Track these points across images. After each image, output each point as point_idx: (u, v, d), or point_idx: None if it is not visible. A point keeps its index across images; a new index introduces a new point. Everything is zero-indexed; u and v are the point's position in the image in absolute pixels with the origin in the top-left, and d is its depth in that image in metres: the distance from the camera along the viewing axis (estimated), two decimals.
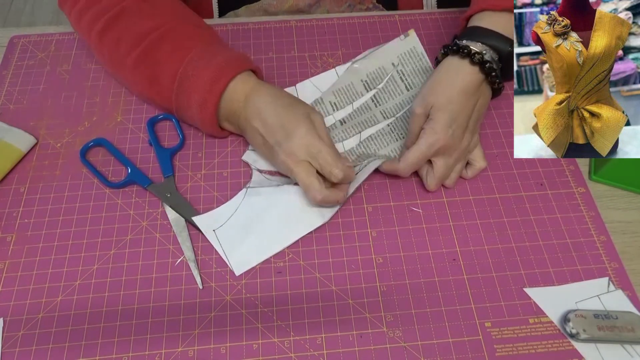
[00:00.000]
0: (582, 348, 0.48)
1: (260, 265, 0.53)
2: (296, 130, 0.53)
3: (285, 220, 0.55)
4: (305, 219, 0.55)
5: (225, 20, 0.75)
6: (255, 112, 0.56)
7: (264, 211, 0.55)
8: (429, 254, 0.53)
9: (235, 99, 0.57)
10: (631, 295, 0.50)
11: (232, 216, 0.55)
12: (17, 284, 0.52)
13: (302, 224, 0.54)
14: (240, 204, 0.56)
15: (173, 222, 0.55)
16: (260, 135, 0.56)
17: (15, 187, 0.58)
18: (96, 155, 0.61)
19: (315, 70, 0.68)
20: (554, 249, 0.54)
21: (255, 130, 0.56)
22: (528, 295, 0.51)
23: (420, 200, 0.57)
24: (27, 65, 0.69)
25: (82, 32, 0.64)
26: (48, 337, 0.49)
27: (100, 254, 0.54)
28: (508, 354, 0.48)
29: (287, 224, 0.54)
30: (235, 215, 0.55)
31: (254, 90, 0.57)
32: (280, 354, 0.48)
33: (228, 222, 0.55)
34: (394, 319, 0.50)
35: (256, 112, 0.56)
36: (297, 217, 0.55)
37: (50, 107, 0.65)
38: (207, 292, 0.51)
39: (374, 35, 0.72)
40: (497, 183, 0.58)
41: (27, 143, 0.61)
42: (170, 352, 0.48)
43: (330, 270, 0.52)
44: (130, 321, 0.50)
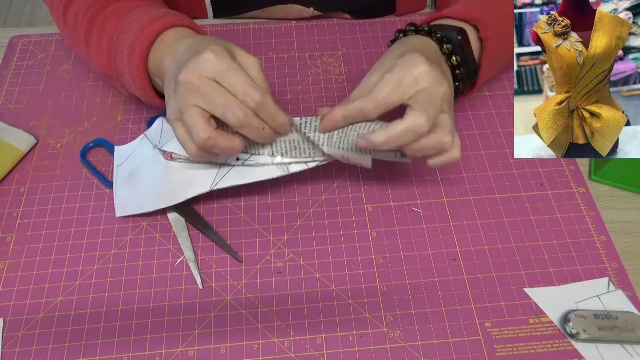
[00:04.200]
0: (582, 348, 0.48)
1: (260, 265, 0.53)
2: (209, 47, 0.44)
3: (153, 183, 0.53)
4: (166, 192, 0.52)
5: (225, 20, 0.75)
6: (182, 44, 0.48)
7: (141, 166, 0.54)
8: (429, 254, 0.53)
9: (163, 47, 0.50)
10: (631, 295, 0.50)
11: (128, 159, 0.55)
12: (17, 284, 0.52)
13: (187, 186, 0.52)
14: (135, 148, 0.56)
15: (173, 222, 0.55)
16: (171, 68, 0.47)
17: (15, 187, 0.58)
18: (96, 155, 0.61)
19: (315, 70, 0.68)
20: (554, 249, 0.54)
21: (171, 63, 0.48)
22: (528, 295, 0.51)
23: (420, 200, 0.57)
24: (27, 65, 0.69)
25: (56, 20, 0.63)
26: (48, 337, 0.49)
27: (100, 254, 0.54)
28: (508, 354, 0.48)
29: (169, 183, 0.52)
30: (130, 158, 0.55)
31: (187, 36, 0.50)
32: (280, 354, 0.48)
33: (125, 163, 0.55)
34: (394, 319, 0.50)
35: (183, 43, 0.48)
36: (159, 187, 0.52)
37: (50, 107, 0.65)
38: (207, 292, 0.51)
39: (374, 35, 0.72)
40: (497, 183, 0.58)
41: (27, 143, 0.61)
42: (170, 352, 0.48)
43: (330, 270, 0.52)
44: (130, 321, 0.50)
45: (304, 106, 0.64)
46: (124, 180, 0.56)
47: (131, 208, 0.55)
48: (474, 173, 0.59)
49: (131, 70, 0.52)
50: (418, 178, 0.58)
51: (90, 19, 0.56)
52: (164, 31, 0.51)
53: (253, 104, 0.44)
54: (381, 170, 0.59)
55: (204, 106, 0.44)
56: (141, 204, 0.54)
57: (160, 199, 0.54)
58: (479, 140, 0.61)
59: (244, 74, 0.44)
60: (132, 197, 0.55)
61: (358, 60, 0.69)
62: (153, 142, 0.55)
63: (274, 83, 0.67)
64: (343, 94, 0.66)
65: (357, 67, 0.68)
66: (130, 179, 0.55)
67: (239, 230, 0.55)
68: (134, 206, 0.55)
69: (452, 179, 0.58)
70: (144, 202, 0.54)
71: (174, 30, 0.51)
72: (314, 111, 0.49)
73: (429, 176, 0.59)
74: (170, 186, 0.53)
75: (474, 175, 0.59)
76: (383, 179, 0.59)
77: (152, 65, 0.52)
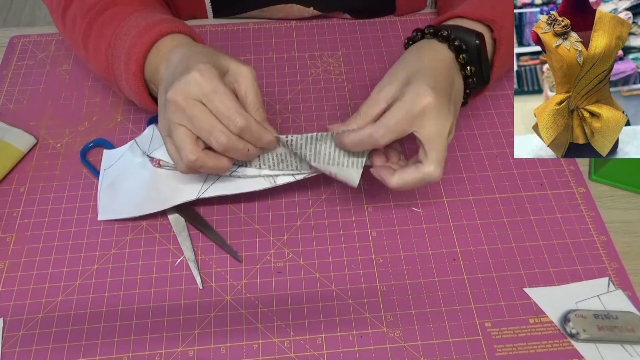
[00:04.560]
0: (582, 348, 0.48)
1: (260, 265, 0.53)
2: (197, 65, 0.44)
3: (138, 190, 0.54)
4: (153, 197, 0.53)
5: (225, 20, 0.75)
6: (176, 54, 0.48)
7: (128, 173, 0.55)
8: (429, 254, 0.53)
9: (159, 54, 0.50)
10: (631, 295, 0.50)
11: (115, 163, 0.56)
12: (17, 284, 0.52)
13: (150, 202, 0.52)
14: (123, 154, 0.56)
15: (173, 222, 0.55)
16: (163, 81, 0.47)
17: (15, 187, 0.58)
18: (96, 155, 0.61)
19: (315, 70, 0.68)
20: (554, 249, 0.54)
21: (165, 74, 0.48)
22: (528, 295, 0.51)
23: (420, 200, 0.57)
24: (27, 65, 0.69)
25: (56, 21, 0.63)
26: (48, 337, 0.49)
27: (100, 254, 0.54)
28: (508, 354, 0.48)
29: (139, 195, 0.54)
30: (117, 163, 0.56)
31: (183, 44, 0.50)
32: (280, 354, 0.48)
33: (112, 167, 0.56)
34: (394, 319, 0.50)
35: (177, 52, 0.49)
36: (145, 193, 0.53)
37: (50, 107, 0.65)
38: (207, 292, 0.51)
39: (374, 35, 0.72)
40: (497, 183, 0.58)
41: (27, 143, 0.61)
42: (170, 352, 0.48)
43: (330, 270, 0.52)
44: (130, 321, 0.50)
45: (304, 106, 0.64)
46: (108, 185, 0.56)
47: (114, 213, 0.55)
48: (474, 173, 0.59)
49: (128, 77, 0.52)
50: None
51: (88, 23, 0.56)
52: (159, 39, 0.51)
53: (236, 130, 0.45)
54: None
55: (190, 127, 0.44)
56: (126, 209, 0.54)
57: (147, 205, 0.54)
58: (479, 140, 0.61)
59: (229, 97, 0.44)
60: (115, 201, 0.55)
61: (358, 60, 0.69)
62: (142, 148, 0.56)
63: (273, 83, 0.67)
64: (343, 94, 0.66)
65: (357, 67, 0.68)
66: (114, 184, 0.56)
67: (239, 230, 0.55)
68: (117, 211, 0.55)
69: (452, 179, 0.58)
70: (129, 207, 0.54)
71: (170, 37, 0.51)
72: (326, 127, 0.50)
73: None
74: (158, 192, 0.53)
75: (474, 175, 0.59)
76: None
77: (148, 72, 0.52)
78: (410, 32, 0.54)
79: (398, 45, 0.70)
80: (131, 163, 0.56)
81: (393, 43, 0.71)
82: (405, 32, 0.72)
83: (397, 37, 0.71)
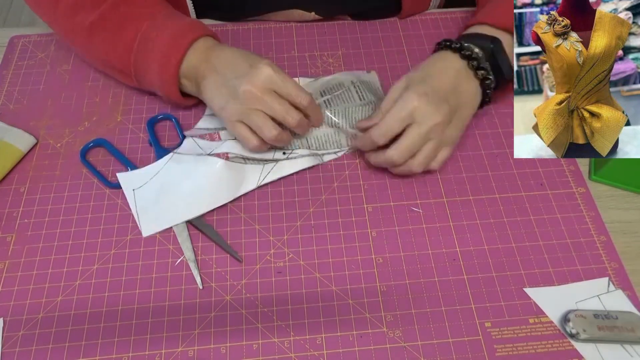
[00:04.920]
0: (582, 348, 0.48)
1: (260, 265, 0.53)
2: (261, 62, 0.54)
3: (199, 190, 0.56)
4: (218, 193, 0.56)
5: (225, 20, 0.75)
6: (217, 54, 0.57)
7: (181, 179, 0.56)
8: (429, 254, 0.53)
9: (196, 54, 0.58)
10: (631, 295, 0.50)
11: (153, 179, 0.57)
12: (17, 284, 0.52)
13: (215, 197, 0.56)
14: (162, 167, 0.57)
15: None
16: (219, 75, 0.56)
17: (15, 187, 0.58)
18: (96, 155, 0.61)
19: (315, 70, 0.68)
20: (554, 249, 0.54)
21: (214, 70, 0.56)
22: (528, 295, 0.51)
23: (420, 200, 0.57)
24: (27, 65, 0.69)
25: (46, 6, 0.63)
26: (48, 337, 0.49)
27: (100, 254, 0.54)
28: (508, 354, 0.48)
29: (200, 195, 0.56)
30: (156, 178, 0.57)
31: (216, 45, 0.59)
32: (280, 354, 0.48)
33: (148, 184, 0.56)
34: (394, 319, 0.50)
35: (219, 53, 0.57)
36: (211, 189, 0.56)
37: (50, 107, 0.65)
38: (207, 292, 0.51)
39: (374, 35, 0.72)
40: (497, 183, 0.58)
41: (27, 143, 0.61)
42: (170, 352, 0.48)
43: (330, 270, 0.52)
44: (130, 321, 0.50)
45: None
46: (154, 199, 0.56)
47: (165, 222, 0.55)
48: (474, 173, 0.59)
49: (162, 75, 0.58)
50: (418, 178, 0.58)
51: (101, 15, 0.59)
52: (194, 42, 0.58)
53: (303, 107, 0.55)
54: (381, 170, 0.59)
55: (266, 111, 0.54)
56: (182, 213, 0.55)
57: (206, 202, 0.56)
58: (479, 140, 0.61)
59: (293, 84, 0.55)
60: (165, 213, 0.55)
61: (358, 60, 0.69)
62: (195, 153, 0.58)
63: None
64: None
65: (357, 67, 0.68)
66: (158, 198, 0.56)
67: (239, 230, 0.55)
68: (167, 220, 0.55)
69: (452, 179, 0.59)
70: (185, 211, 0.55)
71: (203, 40, 0.59)
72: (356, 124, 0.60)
73: (429, 176, 0.59)
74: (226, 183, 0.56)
75: (474, 175, 0.59)
76: (383, 179, 0.59)
77: (184, 69, 0.58)
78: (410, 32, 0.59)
79: (398, 45, 0.70)
80: (178, 170, 0.57)
81: (393, 43, 0.71)
82: (405, 32, 0.72)
83: (397, 38, 0.71)
